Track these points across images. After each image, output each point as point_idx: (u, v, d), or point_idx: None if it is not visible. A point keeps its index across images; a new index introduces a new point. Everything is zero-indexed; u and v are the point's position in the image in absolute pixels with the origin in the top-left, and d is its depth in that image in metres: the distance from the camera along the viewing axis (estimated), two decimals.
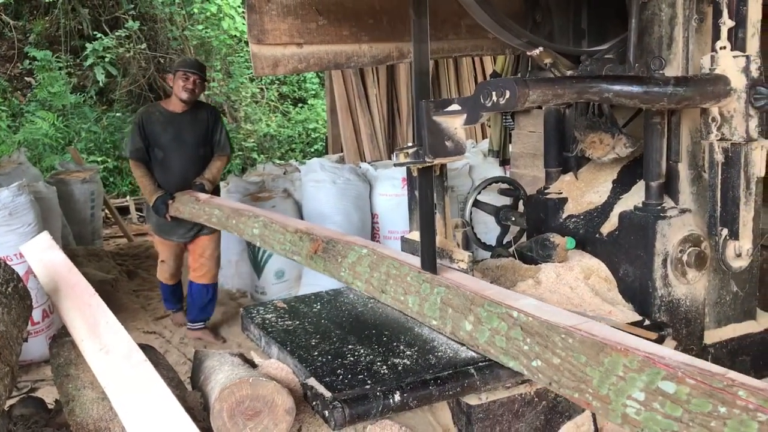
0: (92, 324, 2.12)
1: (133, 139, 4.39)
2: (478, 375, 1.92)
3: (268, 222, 3.08)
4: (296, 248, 2.77)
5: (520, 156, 4.85)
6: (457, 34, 2.89)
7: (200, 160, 4.50)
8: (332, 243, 2.59)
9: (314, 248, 2.63)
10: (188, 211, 4.08)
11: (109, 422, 1.81)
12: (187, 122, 4.41)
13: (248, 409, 1.67)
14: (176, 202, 4.28)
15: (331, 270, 2.55)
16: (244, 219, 3.32)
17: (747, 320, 2.60)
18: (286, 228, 2.91)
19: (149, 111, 4.48)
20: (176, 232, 4.49)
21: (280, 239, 2.91)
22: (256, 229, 3.14)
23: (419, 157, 2.14)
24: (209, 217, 3.79)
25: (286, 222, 3.04)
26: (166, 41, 11.36)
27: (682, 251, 2.36)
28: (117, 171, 9.92)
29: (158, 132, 4.35)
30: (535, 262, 2.69)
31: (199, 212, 3.95)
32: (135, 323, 4.94)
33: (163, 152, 4.39)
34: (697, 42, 2.33)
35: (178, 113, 4.39)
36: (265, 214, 3.28)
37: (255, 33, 2.48)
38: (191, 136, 4.42)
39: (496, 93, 1.89)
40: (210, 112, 4.61)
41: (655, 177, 2.39)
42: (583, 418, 2.14)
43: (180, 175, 4.40)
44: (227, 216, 3.57)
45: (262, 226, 3.11)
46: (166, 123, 4.36)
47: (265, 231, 3.06)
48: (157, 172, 4.42)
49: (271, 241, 2.99)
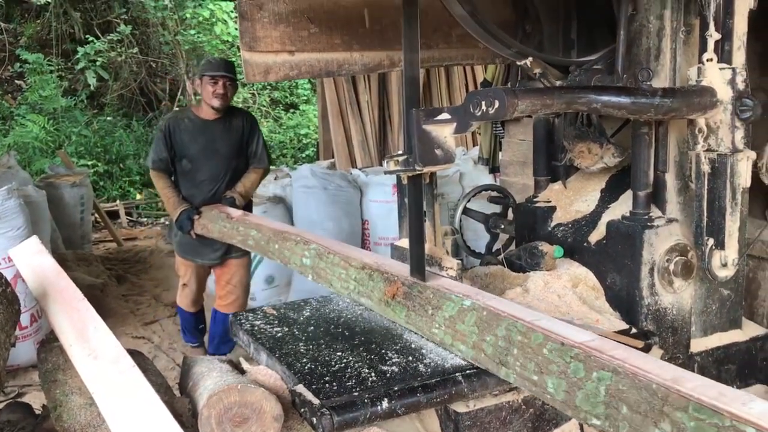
0: (80, 329, 2.11)
1: (157, 147, 3.92)
2: (466, 382, 1.92)
3: (323, 251, 2.62)
4: (364, 289, 2.36)
5: (510, 164, 4.87)
6: (447, 44, 2.91)
7: (233, 173, 4.00)
8: (417, 288, 2.18)
9: (391, 292, 2.24)
10: (218, 229, 3.56)
11: (96, 428, 1.81)
12: (221, 131, 3.93)
13: (236, 415, 1.67)
14: (203, 218, 3.79)
15: (417, 323, 2.13)
16: (291, 245, 2.82)
17: (733, 329, 2.63)
18: (348, 262, 2.47)
19: (177, 118, 3.99)
20: (202, 252, 3.99)
21: (340, 275, 2.48)
22: (306, 258, 2.68)
23: (409, 165, 2.15)
24: (244, 238, 3.27)
25: (348, 253, 2.57)
26: (158, 46, 11.36)
27: (668, 260, 2.38)
28: (107, 175, 9.89)
29: (187, 141, 3.88)
30: (524, 270, 2.70)
31: (231, 232, 3.42)
32: (124, 328, 4.92)
33: (192, 164, 3.91)
34: (685, 54, 2.36)
35: (210, 121, 3.91)
36: (317, 240, 2.78)
37: (247, 40, 2.49)
38: (224, 146, 3.94)
39: (485, 102, 1.90)
40: (245, 119, 4.09)
41: (643, 187, 2.41)
42: (570, 425, 2.15)
43: (210, 190, 3.93)
44: (268, 239, 3.04)
45: (315, 255, 2.64)
46: (197, 132, 3.89)
47: (319, 263, 2.60)
48: (183, 185, 3.96)
49: (328, 276, 2.54)
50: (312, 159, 10.11)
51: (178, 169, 3.96)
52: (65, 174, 6.77)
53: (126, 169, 10.06)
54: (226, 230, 3.48)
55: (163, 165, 3.92)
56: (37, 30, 10.96)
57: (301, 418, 1.87)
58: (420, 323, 2.11)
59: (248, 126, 4.05)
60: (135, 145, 10.40)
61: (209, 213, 3.77)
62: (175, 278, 6.00)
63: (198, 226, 3.79)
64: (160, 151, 3.90)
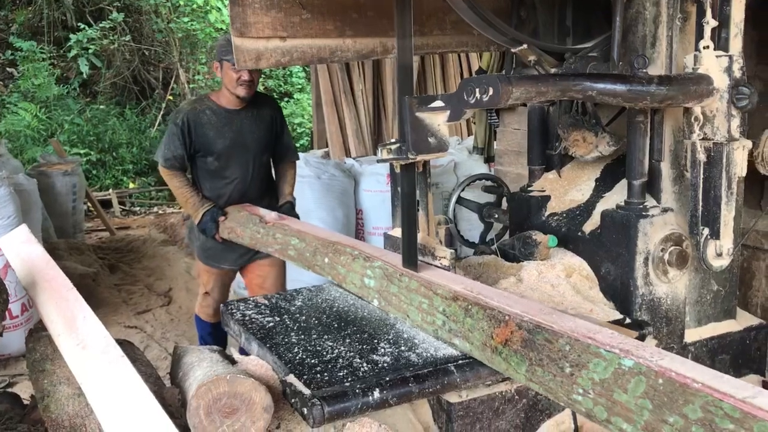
0: (69, 319, 2.09)
1: (171, 144, 3.39)
2: (459, 373, 1.91)
3: (393, 271, 2.17)
4: (458, 327, 1.90)
5: (505, 153, 4.86)
6: (441, 30, 2.88)
7: (263, 170, 3.59)
8: (543, 333, 1.66)
9: (502, 336, 1.75)
10: (250, 235, 3.11)
11: (84, 418, 1.79)
12: (249, 122, 3.45)
13: (225, 406, 1.65)
14: (230, 220, 3.35)
15: (547, 383, 1.60)
16: (347, 260, 2.38)
17: (727, 319, 2.61)
18: (432, 288, 2.02)
19: (196, 110, 3.40)
20: (227, 257, 3.55)
21: (421, 305, 2.03)
22: (370, 279, 2.26)
23: (402, 153, 2.13)
24: (283, 247, 2.81)
25: (430, 277, 2.11)
26: (151, 33, 11.28)
27: (663, 250, 2.37)
28: (100, 164, 9.85)
29: (213, 137, 3.39)
30: (518, 259, 2.69)
31: (266, 239, 2.96)
32: (116, 317, 4.91)
33: (219, 161, 3.43)
34: (681, 41, 2.33)
35: (236, 111, 3.42)
36: (381, 254, 2.34)
37: (237, 26, 2.45)
38: (254, 139, 3.48)
39: (479, 90, 1.88)
40: (273, 107, 3.64)
41: (638, 176, 2.39)
42: (563, 416, 2.15)
43: (240, 190, 3.48)
44: (314, 250, 2.58)
45: (381, 276, 2.22)
46: (222, 125, 3.40)
47: (389, 286, 2.17)
48: (208, 185, 3.49)
49: (402, 305, 2.12)
50: (306, 148, 10.07)
51: (200, 166, 3.49)
52: (57, 162, 6.74)
53: (119, 158, 10.01)
54: (259, 237, 3.01)
55: (178, 163, 3.43)
56: (29, 17, 10.86)
57: (292, 408, 1.86)
58: (552, 384, 1.59)
59: (278, 116, 3.63)
60: (128, 134, 10.36)
61: (236, 214, 3.33)
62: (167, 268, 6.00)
63: (224, 229, 3.36)
64: (175, 148, 3.39)
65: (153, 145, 10.47)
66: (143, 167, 10.27)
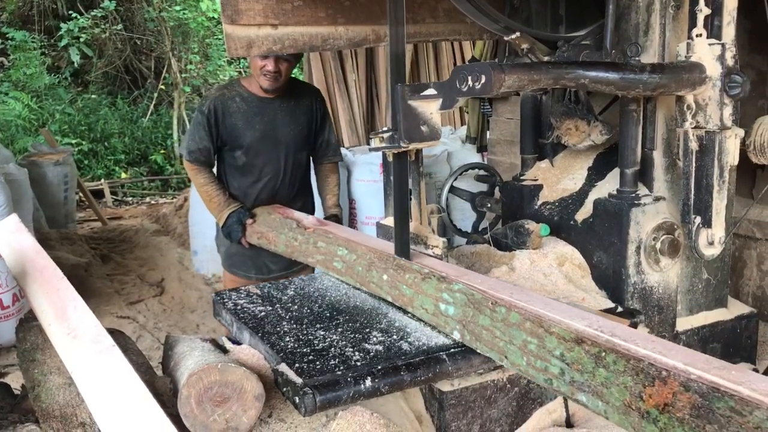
0: (60, 308, 2.08)
1: (196, 134, 3.08)
2: (450, 361, 1.91)
3: (481, 298, 1.81)
4: (587, 380, 1.49)
5: (498, 143, 4.85)
6: (434, 18, 2.86)
7: (299, 170, 3.24)
8: (723, 398, 1.25)
9: (659, 399, 1.34)
10: (285, 241, 2.73)
11: (75, 408, 1.78)
12: (283, 113, 3.12)
13: (216, 395, 1.65)
14: (259, 224, 2.99)
15: None
16: (414, 279, 2.05)
17: (718, 308, 2.62)
18: (544, 325, 1.62)
19: (225, 96, 3.08)
20: (258, 265, 3.22)
21: (527, 346, 1.64)
22: (449, 305, 1.90)
23: (394, 142, 2.12)
24: (328, 258, 2.46)
25: (536, 308, 1.70)
26: (143, 22, 11.19)
27: (655, 239, 2.37)
28: (92, 153, 9.80)
29: (241, 127, 3.06)
30: (510, 248, 2.68)
31: (306, 247, 2.59)
32: (108, 308, 4.89)
33: (247, 156, 3.11)
34: (674, 29, 2.33)
35: (269, 99, 3.09)
36: (461, 275, 2.00)
37: (228, 13, 2.43)
38: (288, 133, 3.13)
39: (471, 77, 1.87)
40: (316, 99, 3.26)
41: (630, 164, 2.39)
42: (555, 404, 2.15)
43: (270, 190, 3.17)
44: (368, 264, 2.25)
45: (465, 303, 1.84)
46: (252, 114, 3.07)
47: (476, 316, 1.79)
48: (234, 183, 3.19)
49: (497, 343, 1.73)
50: None
51: (227, 162, 3.18)
52: (48, 152, 6.71)
53: (111, 148, 9.97)
54: (297, 245, 2.63)
55: (203, 156, 3.10)
56: (19, 6, 10.77)
57: (284, 397, 1.85)
58: None
59: (320, 108, 3.25)
60: (120, 124, 10.31)
61: (267, 217, 2.96)
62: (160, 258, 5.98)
63: (253, 234, 3.02)
64: (201, 140, 3.07)
65: (145, 135, 10.43)
66: (135, 157, 10.23)
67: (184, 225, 6.34)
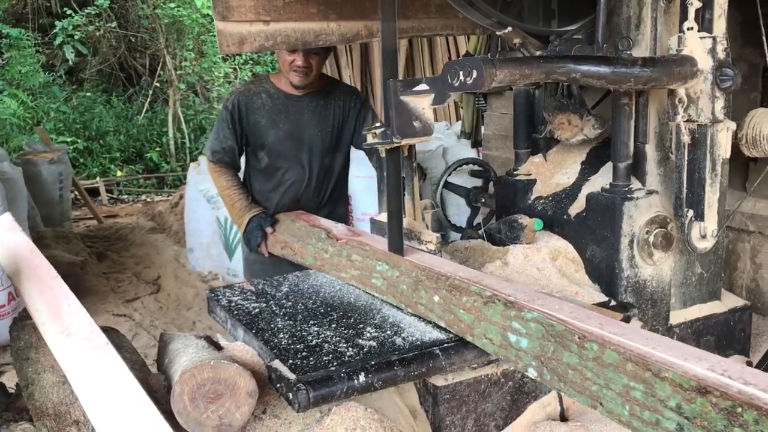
0: (54, 306, 2.08)
1: (220, 132, 2.89)
2: (444, 356, 1.91)
3: (563, 330, 1.52)
4: None
5: (493, 138, 4.85)
6: (426, 13, 2.86)
7: (327, 176, 3.01)
8: None
9: None
10: (312, 253, 2.50)
11: (69, 406, 1.79)
12: (311, 113, 2.91)
13: (210, 392, 1.65)
14: (282, 232, 2.78)
15: None
16: (474, 301, 1.79)
17: (712, 301, 2.63)
18: (652, 369, 1.33)
19: (251, 91, 2.90)
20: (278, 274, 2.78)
21: (631, 392, 1.35)
22: (521, 337, 1.61)
23: (387, 138, 2.13)
24: (365, 273, 2.22)
25: (643, 348, 1.39)
26: (137, 20, 11.15)
27: (648, 232, 2.37)
28: (87, 152, 9.78)
29: (265, 125, 2.86)
30: (504, 243, 2.69)
31: (337, 260, 2.37)
32: (105, 306, 4.89)
33: (269, 157, 2.92)
34: (665, 23, 2.33)
35: (297, 97, 2.90)
36: (532, 299, 1.70)
37: (220, 9, 2.43)
38: (315, 132, 2.91)
39: (463, 72, 1.87)
40: (351, 98, 3.04)
41: (623, 158, 2.39)
42: (549, 398, 2.15)
43: (291, 195, 2.97)
44: (414, 283, 2.00)
45: (541, 335, 1.56)
46: (277, 111, 2.88)
47: (558, 352, 1.50)
48: (256, 186, 3.01)
49: (588, 386, 1.44)
50: None
51: (251, 164, 2.99)
52: (43, 151, 6.70)
53: (106, 146, 9.95)
54: (327, 257, 2.40)
55: (228, 157, 2.91)
56: (13, 3, 10.73)
57: (278, 393, 1.86)
58: None
59: (355, 107, 3.01)
60: (115, 122, 10.30)
61: (290, 225, 2.73)
62: (156, 256, 5.98)
63: (276, 243, 2.78)
64: (225, 138, 2.88)
65: (140, 133, 10.40)
66: (131, 155, 10.21)
67: (179, 222, 6.34)
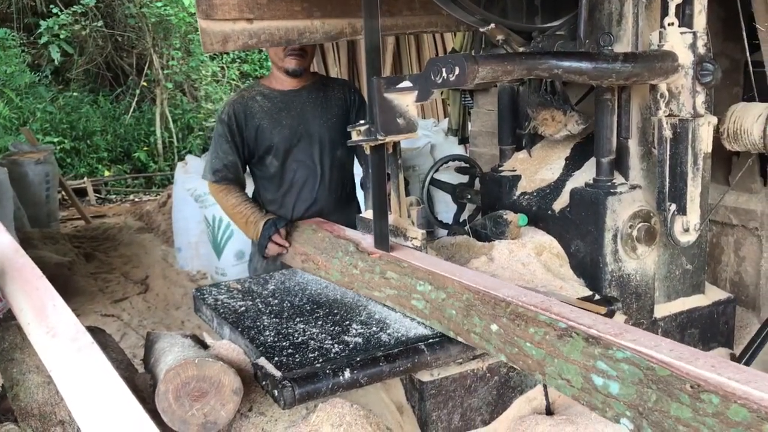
0: (39, 307, 2.07)
1: (218, 149, 2.73)
2: (429, 351, 1.92)
3: (668, 375, 1.24)
4: None
5: (479, 134, 4.85)
6: (411, 11, 2.86)
7: (339, 171, 2.91)
8: None
9: None
10: (339, 268, 2.31)
11: (54, 406, 1.78)
12: (313, 104, 2.81)
13: (194, 390, 1.65)
14: (302, 243, 2.57)
15: None
16: (544, 334, 1.51)
17: (696, 294, 2.65)
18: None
19: (244, 98, 2.77)
20: None
21: None
22: (611, 381, 1.34)
23: (371, 135, 2.13)
24: (402, 294, 2.01)
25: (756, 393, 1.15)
26: (124, 18, 11.10)
27: (632, 227, 2.39)
28: (74, 152, 9.73)
29: (266, 128, 2.73)
30: (489, 239, 2.70)
31: (369, 277, 2.17)
32: (93, 306, 4.87)
33: (278, 159, 2.77)
34: (647, 18, 2.34)
35: (294, 91, 2.81)
36: (620, 332, 1.42)
37: (203, 8, 2.42)
38: (320, 125, 2.80)
39: (446, 69, 1.88)
40: (350, 90, 2.97)
41: (606, 153, 2.41)
42: (535, 392, 2.17)
43: (306, 195, 2.83)
44: (466, 306, 1.75)
45: (638, 380, 1.28)
46: (278, 109, 2.76)
47: (663, 402, 1.23)
48: (267, 196, 2.86)
49: None
50: None
51: (259, 176, 2.85)
52: (29, 151, 6.67)
53: (93, 146, 9.91)
54: (357, 273, 2.18)
55: (231, 173, 2.74)
56: None
57: (264, 391, 1.86)
58: None
59: (355, 98, 2.94)
60: (102, 121, 10.25)
61: (311, 235, 2.52)
62: (144, 255, 5.96)
63: (296, 255, 2.59)
64: (225, 154, 2.72)
65: (128, 132, 10.36)
66: (118, 155, 10.17)
67: (167, 222, 6.32)
